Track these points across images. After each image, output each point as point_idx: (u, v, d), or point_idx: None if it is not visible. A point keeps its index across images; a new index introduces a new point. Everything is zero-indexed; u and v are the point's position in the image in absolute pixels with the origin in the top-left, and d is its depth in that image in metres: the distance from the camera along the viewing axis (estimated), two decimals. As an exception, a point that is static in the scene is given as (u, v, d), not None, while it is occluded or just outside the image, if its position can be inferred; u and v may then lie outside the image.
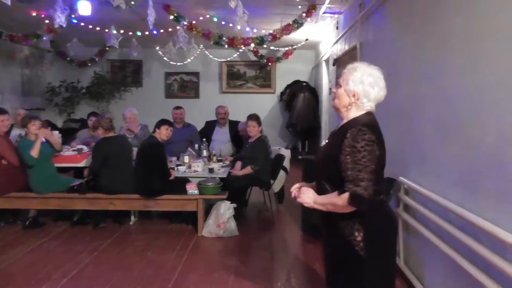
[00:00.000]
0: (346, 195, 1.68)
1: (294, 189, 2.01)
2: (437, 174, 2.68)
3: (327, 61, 7.73)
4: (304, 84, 9.25)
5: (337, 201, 1.72)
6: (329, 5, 5.59)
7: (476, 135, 2.17)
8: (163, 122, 4.55)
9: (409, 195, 3.08)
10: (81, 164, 4.83)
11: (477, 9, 2.17)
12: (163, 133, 4.49)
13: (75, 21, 5.86)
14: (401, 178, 3.12)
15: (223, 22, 6.26)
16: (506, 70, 1.88)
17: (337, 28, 6.32)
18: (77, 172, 5.20)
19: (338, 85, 1.90)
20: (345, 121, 1.87)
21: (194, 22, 6.07)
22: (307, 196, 1.85)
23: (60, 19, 5.05)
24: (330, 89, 7.22)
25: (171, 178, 4.47)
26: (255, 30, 6.68)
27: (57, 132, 5.30)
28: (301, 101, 8.77)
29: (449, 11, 2.53)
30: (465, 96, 2.30)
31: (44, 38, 6.73)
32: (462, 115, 2.33)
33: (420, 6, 3.03)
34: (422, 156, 2.93)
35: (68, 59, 9.12)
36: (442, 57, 2.62)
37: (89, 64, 9.39)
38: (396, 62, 3.49)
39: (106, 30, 6.12)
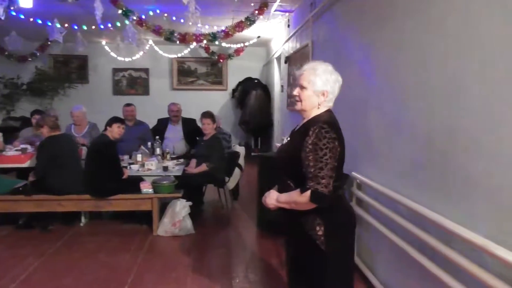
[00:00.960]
0: (307, 193, 1.73)
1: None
2: (387, 168, 2.81)
3: (278, 58, 7.83)
4: (256, 81, 9.33)
5: (299, 199, 1.77)
6: (280, 3, 5.67)
7: (423, 130, 2.29)
8: (114, 120, 4.42)
9: (361, 189, 3.20)
10: (26, 164, 4.57)
11: (427, 12, 2.29)
12: (115, 131, 4.36)
13: (14, 13, 5.51)
14: (354, 173, 3.24)
15: (174, 18, 6.16)
16: (452, 70, 2.01)
17: (288, 26, 6.42)
18: (20, 172, 4.92)
19: (300, 87, 1.91)
20: (306, 119, 1.92)
21: (143, 17, 5.92)
22: (270, 197, 1.92)
23: (-3, 11, 4.74)
24: (282, 86, 7.32)
25: (124, 177, 4.35)
26: (207, 27, 6.63)
27: (-3, 130, 5.00)
28: (253, 98, 8.85)
29: (399, 12, 2.65)
30: (414, 93, 2.43)
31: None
32: (411, 110, 2.46)
33: (371, 7, 3.14)
34: (374, 152, 3.06)
35: (6, 53, 8.57)
36: (393, 56, 2.74)
37: (30, 59, 8.86)
38: (348, 60, 3.60)
39: (49, 24, 5.81)
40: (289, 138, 2.01)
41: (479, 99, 1.80)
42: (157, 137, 5.46)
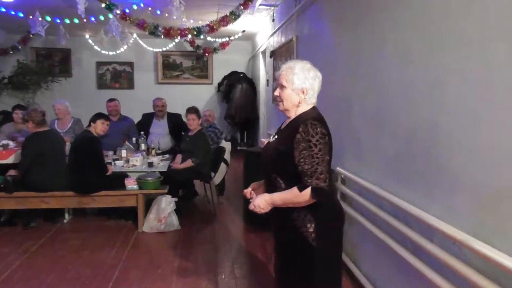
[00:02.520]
0: (308, 190, 1.73)
1: (247, 192, 2.06)
2: (371, 164, 2.84)
3: (264, 52, 7.82)
4: (242, 75, 9.30)
5: (298, 197, 1.77)
6: (265, -3, 5.65)
7: (405, 127, 2.32)
8: (99, 116, 4.36)
9: (345, 184, 3.23)
10: (7, 160, 4.48)
11: (404, 9, 2.31)
12: (99, 128, 4.31)
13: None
14: (338, 168, 3.27)
15: (158, 12, 6.09)
16: (433, 67, 2.03)
17: (273, 20, 6.40)
18: (1, 169, 4.82)
19: (281, 87, 1.93)
20: (293, 117, 1.93)
21: (127, 11, 5.84)
22: (261, 201, 1.87)
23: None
24: (267, 80, 7.32)
25: (108, 173, 4.31)
26: (191, 21, 6.57)
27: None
28: (239, 92, 8.83)
29: (379, 10, 2.67)
30: (396, 90, 2.45)
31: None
32: (394, 107, 2.48)
33: (352, 3, 3.15)
34: (358, 147, 3.09)
35: (-14, 46, 8.39)
36: (376, 52, 2.76)
37: (11, 52, 8.68)
38: (333, 55, 3.61)
39: (31, 17, 5.69)
40: (276, 136, 2.02)
41: (458, 96, 1.82)
42: (142, 132, 5.41)
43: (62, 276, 3.28)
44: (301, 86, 1.89)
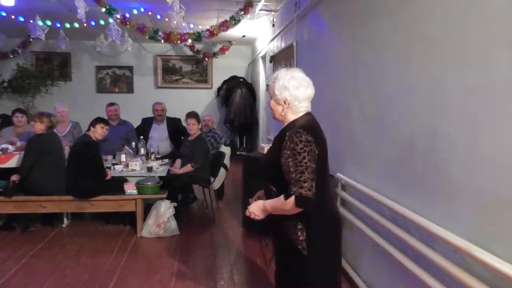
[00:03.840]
0: (292, 198, 1.73)
1: (252, 201, 2.08)
2: (371, 169, 2.84)
3: (263, 57, 7.83)
4: (241, 80, 9.31)
5: (284, 205, 1.77)
6: (265, 3, 5.66)
7: (405, 133, 2.32)
8: (99, 120, 4.35)
9: (346, 190, 3.23)
10: (7, 164, 4.46)
11: (405, 15, 2.32)
12: (99, 132, 4.30)
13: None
14: (338, 174, 3.26)
15: (158, 16, 6.10)
16: (433, 72, 2.03)
17: (273, 25, 6.41)
18: (0, 173, 4.80)
19: (270, 97, 1.99)
20: (284, 125, 1.95)
21: (127, 15, 5.85)
22: (256, 207, 1.92)
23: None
24: (267, 85, 7.31)
25: (107, 178, 4.30)
26: (192, 26, 6.59)
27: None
28: (239, 97, 8.83)
29: (379, 15, 2.68)
30: (396, 96, 2.45)
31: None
32: (393, 113, 2.48)
33: (352, 9, 3.16)
34: (358, 153, 3.08)
35: (-14, 50, 8.40)
36: (375, 58, 2.76)
37: (11, 56, 8.69)
38: (333, 60, 3.61)
39: (31, 21, 5.70)
40: (271, 144, 2.03)
41: (458, 102, 1.82)
42: (141, 137, 5.40)
43: (60, 281, 3.26)
44: (281, 97, 1.91)
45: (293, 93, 1.89)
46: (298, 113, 1.92)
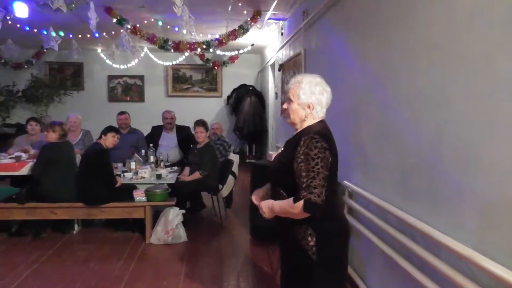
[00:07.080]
0: (300, 202, 1.74)
1: (255, 200, 2.12)
2: (378, 177, 2.83)
3: (272, 65, 7.87)
4: (251, 88, 9.37)
5: (292, 208, 1.78)
6: (273, 12, 5.71)
7: (411, 141, 2.32)
8: (110, 129, 4.43)
9: (353, 198, 3.22)
10: (20, 172, 4.55)
11: (412, 24, 2.33)
12: (110, 141, 4.37)
13: (10, 22, 5.53)
14: (345, 182, 3.26)
15: (168, 26, 6.20)
16: (439, 80, 2.04)
17: (282, 34, 6.47)
18: (15, 180, 4.90)
19: (289, 101, 1.97)
20: (299, 130, 1.95)
21: (138, 25, 5.95)
22: (265, 205, 1.95)
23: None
24: (276, 93, 7.36)
25: (117, 185, 4.35)
26: (201, 35, 6.67)
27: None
28: (248, 105, 8.88)
29: (387, 23, 2.69)
30: (403, 104, 2.45)
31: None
32: (400, 121, 2.49)
33: (360, 17, 3.18)
34: (365, 161, 3.08)
35: (2, 61, 8.59)
36: (381, 66, 2.77)
37: (26, 66, 8.91)
38: (341, 68, 3.62)
39: (45, 32, 5.83)
40: (283, 148, 2.04)
41: (464, 110, 1.82)
42: (151, 144, 5.47)
43: (69, 287, 3.30)
44: (307, 101, 1.91)
45: (318, 97, 1.91)
46: (315, 118, 1.94)
